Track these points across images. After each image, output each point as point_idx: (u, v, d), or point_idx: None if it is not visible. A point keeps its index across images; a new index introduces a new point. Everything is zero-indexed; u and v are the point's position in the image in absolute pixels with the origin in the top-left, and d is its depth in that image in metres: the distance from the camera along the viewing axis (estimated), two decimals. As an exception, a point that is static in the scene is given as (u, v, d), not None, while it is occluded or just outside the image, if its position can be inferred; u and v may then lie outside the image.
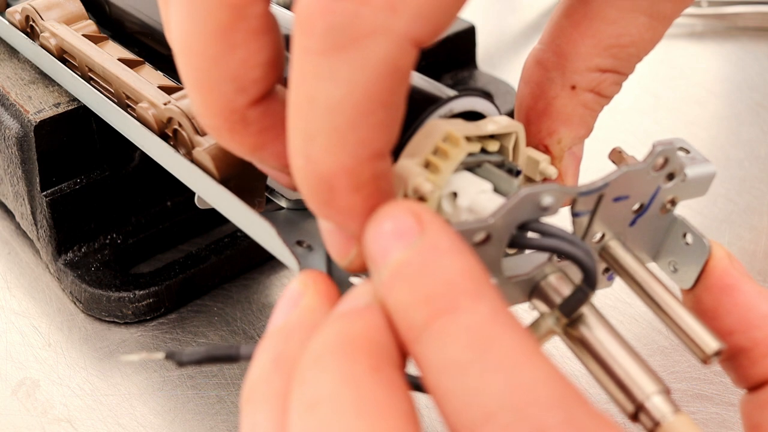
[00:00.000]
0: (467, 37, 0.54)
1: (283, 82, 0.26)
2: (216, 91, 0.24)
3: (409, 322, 0.21)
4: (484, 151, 0.28)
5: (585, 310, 0.25)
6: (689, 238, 0.29)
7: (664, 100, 0.58)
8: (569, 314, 0.25)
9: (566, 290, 0.26)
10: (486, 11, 0.69)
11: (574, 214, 0.27)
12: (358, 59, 0.21)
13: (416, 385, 0.25)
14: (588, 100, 0.30)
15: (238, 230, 0.44)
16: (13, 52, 0.46)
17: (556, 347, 0.41)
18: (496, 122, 0.28)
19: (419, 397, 0.23)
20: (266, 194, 0.34)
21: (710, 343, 0.26)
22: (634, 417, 0.24)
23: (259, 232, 0.29)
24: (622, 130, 0.56)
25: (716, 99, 0.59)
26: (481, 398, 0.19)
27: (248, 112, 0.25)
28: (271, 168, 0.27)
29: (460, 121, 0.27)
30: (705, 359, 0.26)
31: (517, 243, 0.25)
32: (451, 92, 0.28)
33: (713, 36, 0.65)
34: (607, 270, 0.30)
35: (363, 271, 0.25)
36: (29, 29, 0.43)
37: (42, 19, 0.42)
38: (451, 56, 0.54)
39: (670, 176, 0.28)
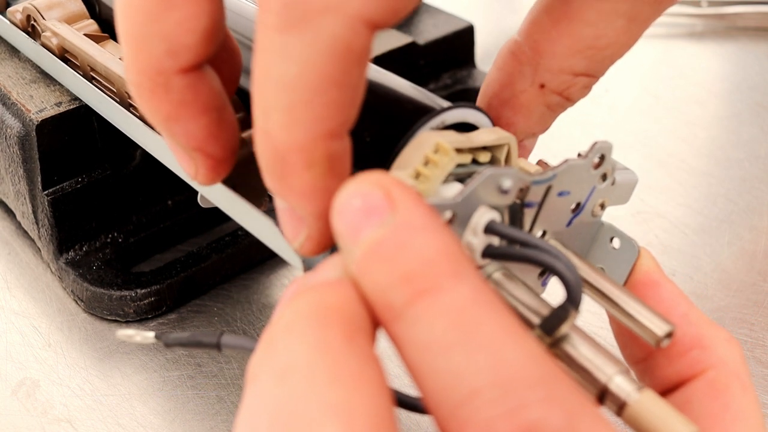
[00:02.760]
0: (466, 36, 0.54)
1: (220, 63, 0.27)
2: (147, 47, 0.25)
3: (387, 303, 0.21)
4: (475, 162, 0.28)
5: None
6: (616, 243, 0.30)
7: (664, 100, 0.59)
8: (551, 332, 0.25)
9: (518, 291, 0.26)
10: (485, 11, 0.69)
11: (526, 205, 0.27)
12: (310, 37, 0.21)
13: (402, 401, 0.25)
14: (553, 101, 0.29)
15: (240, 229, 0.44)
16: (14, 51, 0.46)
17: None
18: (487, 133, 0.28)
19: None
20: (269, 193, 0.34)
21: (661, 325, 0.27)
22: (600, 401, 0.24)
23: (263, 230, 0.29)
24: (622, 130, 0.56)
25: (716, 99, 0.59)
26: (465, 376, 0.20)
27: (173, 78, 0.25)
28: (177, 145, 0.27)
29: (451, 133, 0.27)
30: (657, 342, 0.26)
31: (497, 253, 0.25)
32: (444, 103, 0.28)
33: (713, 36, 0.65)
34: (542, 274, 0.30)
35: (313, 255, 0.25)
36: (30, 29, 0.43)
37: (43, 18, 0.42)
38: (450, 55, 0.54)
39: (604, 177, 0.29)
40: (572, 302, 0.24)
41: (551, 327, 0.25)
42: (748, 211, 0.49)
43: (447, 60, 0.54)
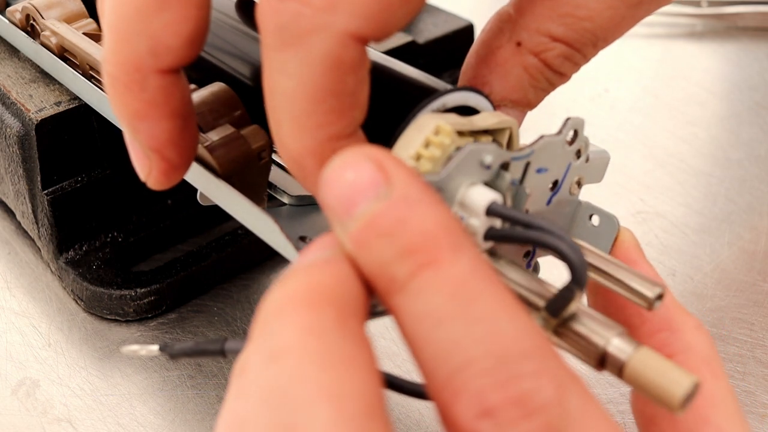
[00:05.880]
0: (466, 35, 0.54)
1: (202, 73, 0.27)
2: (131, 43, 0.26)
3: (389, 277, 0.21)
4: None
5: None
6: (595, 220, 0.31)
7: (664, 100, 0.59)
8: (556, 314, 0.25)
9: (506, 269, 0.26)
10: (485, 10, 0.69)
11: (512, 183, 0.27)
12: (303, 54, 0.23)
13: (391, 383, 0.25)
14: (530, 63, 0.29)
15: (239, 228, 0.44)
16: (13, 51, 0.46)
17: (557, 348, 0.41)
18: (489, 117, 0.28)
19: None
20: (268, 191, 0.34)
21: (651, 287, 0.26)
22: (601, 365, 0.24)
23: (262, 228, 0.29)
24: (622, 130, 0.56)
25: (716, 99, 0.59)
26: (461, 346, 0.20)
27: (150, 77, 0.26)
28: (137, 143, 0.28)
29: (453, 116, 0.27)
30: (650, 304, 0.26)
31: (500, 235, 0.25)
32: (447, 86, 0.28)
33: (713, 36, 0.65)
34: (527, 255, 0.30)
35: None
36: (29, 28, 0.43)
37: (42, 17, 0.42)
38: (450, 54, 0.54)
39: (578, 153, 0.29)
40: (577, 283, 0.24)
41: (557, 308, 0.25)
42: (748, 211, 0.49)
43: (447, 59, 0.54)
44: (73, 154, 0.42)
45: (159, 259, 0.45)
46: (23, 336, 0.42)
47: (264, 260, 0.45)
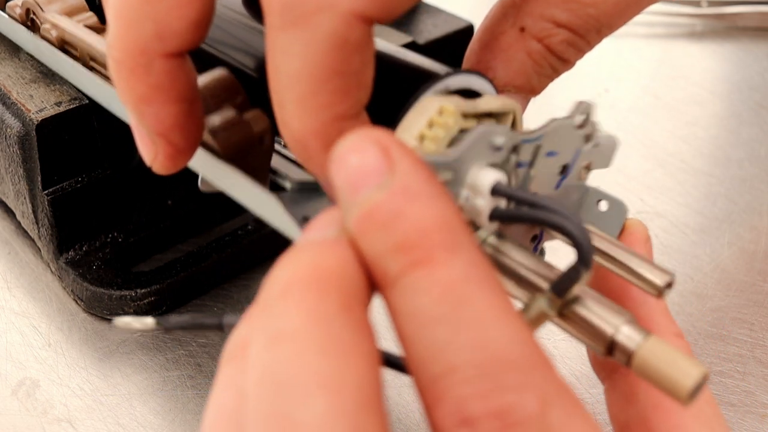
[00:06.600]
0: (466, 36, 0.54)
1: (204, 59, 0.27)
2: (136, 27, 0.26)
3: (383, 270, 0.21)
4: None
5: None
6: (603, 205, 0.31)
7: (664, 100, 0.59)
8: (561, 294, 0.24)
9: (512, 251, 0.26)
10: (485, 10, 0.69)
11: (517, 165, 0.27)
12: (308, 34, 0.23)
13: (389, 361, 0.25)
14: (534, 48, 0.29)
15: (239, 228, 0.44)
16: (14, 51, 0.46)
17: (557, 347, 0.41)
18: (492, 100, 0.27)
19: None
20: (270, 175, 0.33)
21: (661, 275, 0.26)
22: (609, 352, 0.24)
23: (266, 208, 0.29)
24: (622, 130, 0.56)
25: (716, 99, 0.59)
26: (446, 352, 0.20)
27: (156, 61, 0.26)
28: (143, 127, 0.28)
29: (456, 98, 0.27)
30: (660, 292, 0.26)
31: (504, 215, 0.25)
32: (450, 69, 0.28)
33: (713, 36, 0.65)
34: (534, 239, 0.30)
35: None
36: (30, 22, 0.43)
37: (43, 11, 0.42)
38: (450, 55, 0.54)
39: (587, 138, 0.29)
40: (583, 263, 0.23)
41: (562, 289, 0.24)
42: (748, 211, 0.49)
43: (447, 59, 0.53)
44: (74, 154, 0.42)
45: (159, 259, 0.45)
46: (23, 336, 0.42)
47: (264, 261, 0.45)
